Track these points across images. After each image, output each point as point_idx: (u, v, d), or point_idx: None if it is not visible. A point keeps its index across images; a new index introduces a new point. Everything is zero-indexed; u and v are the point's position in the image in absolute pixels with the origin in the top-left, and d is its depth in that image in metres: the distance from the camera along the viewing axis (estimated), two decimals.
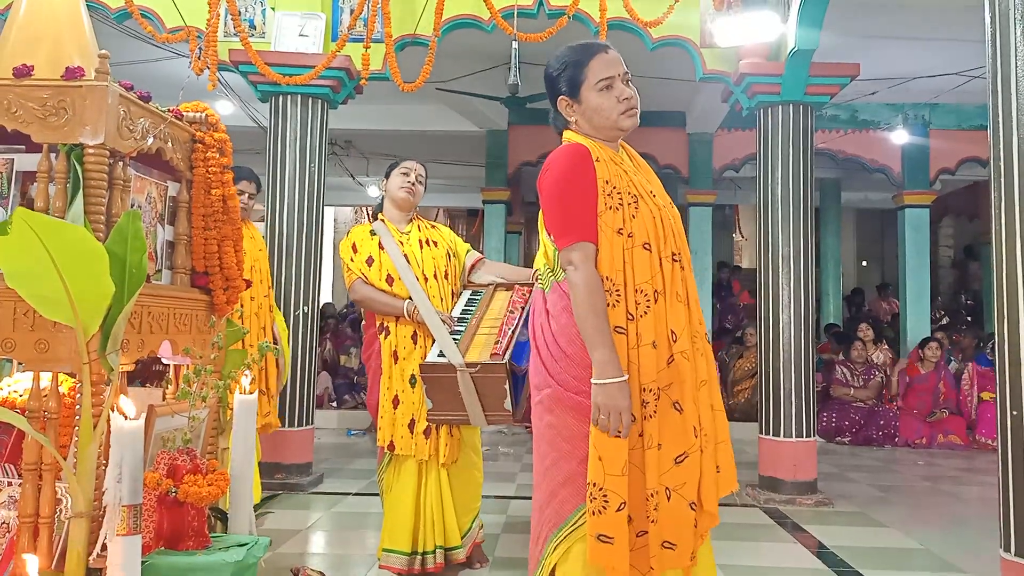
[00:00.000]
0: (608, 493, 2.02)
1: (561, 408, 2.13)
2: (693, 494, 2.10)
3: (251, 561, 2.30)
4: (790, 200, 5.44)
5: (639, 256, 2.11)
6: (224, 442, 2.72)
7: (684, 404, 2.11)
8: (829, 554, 4.09)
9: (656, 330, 2.10)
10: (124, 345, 2.21)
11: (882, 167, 9.20)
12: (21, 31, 2.50)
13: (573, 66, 2.27)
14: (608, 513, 2.02)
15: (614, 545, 2.01)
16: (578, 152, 2.17)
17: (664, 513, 2.05)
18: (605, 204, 2.12)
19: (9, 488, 2.35)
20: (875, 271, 14.96)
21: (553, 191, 2.17)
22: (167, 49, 6.29)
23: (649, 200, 2.18)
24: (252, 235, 4.43)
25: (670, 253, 2.15)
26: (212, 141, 2.67)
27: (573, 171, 2.14)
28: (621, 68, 2.28)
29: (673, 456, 2.08)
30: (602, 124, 2.25)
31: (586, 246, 2.10)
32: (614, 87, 2.25)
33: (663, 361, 2.10)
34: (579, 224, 2.11)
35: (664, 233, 2.16)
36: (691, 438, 2.10)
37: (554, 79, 2.31)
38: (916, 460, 7.37)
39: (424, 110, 8.84)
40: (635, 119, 2.27)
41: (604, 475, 2.03)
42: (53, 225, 1.99)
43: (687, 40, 5.55)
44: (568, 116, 2.29)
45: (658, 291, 2.11)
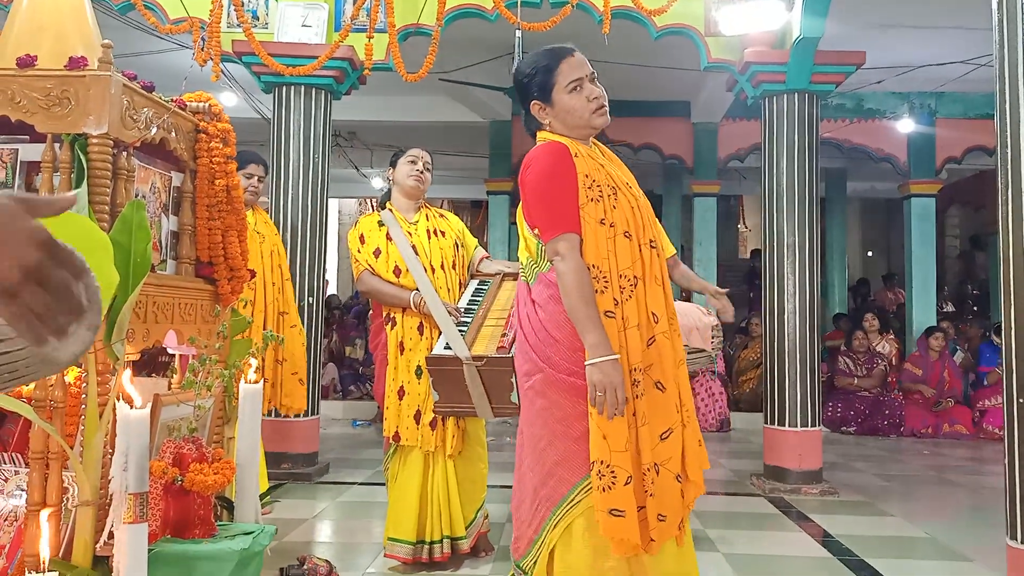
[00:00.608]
0: (615, 469, 2.11)
1: (554, 390, 2.22)
2: (678, 467, 2.21)
3: (257, 549, 2.31)
4: (795, 190, 5.42)
5: (621, 244, 2.22)
6: (230, 431, 2.73)
7: (666, 383, 2.22)
8: (834, 542, 4.09)
9: (639, 313, 2.21)
10: (129, 335, 2.21)
11: (888, 156, 9.16)
12: (25, 21, 2.50)
13: (543, 71, 2.34)
14: (618, 488, 2.11)
15: (626, 518, 2.10)
16: (558, 149, 2.27)
17: (657, 487, 2.16)
18: (587, 196, 2.22)
19: (16, 477, 2.37)
20: (881, 261, 14.93)
21: (536, 187, 2.26)
22: (170, 40, 6.28)
23: (626, 191, 2.29)
24: (266, 220, 4.43)
25: (648, 240, 2.28)
26: (216, 131, 2.67)
27: (555, 166, 2.24)
28: (588, 69, 2.36)
29: (659, 433, 2.19)
30: (575, 123, 2.34)
31: (571, 237, 2.20)
32: (583, 88, 2.33)
33: (645, 343, 2.21)
34: (563, 216, 2.21)
35: (642, 222, 2.27)
36: (674, 414, 2.22)
37: (526, 85, 2.38)
38: (922, 450, 7.36)
39: (427, 101, 8.82)
40: (606, 117, 2.36)
41: (610, 452, 2.12)
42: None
43: (691, 28, 5.53)
44: (542, 119, 2.37)
45: (638, 276, 2.23)
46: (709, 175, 9.37)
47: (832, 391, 8.34)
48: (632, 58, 7.07)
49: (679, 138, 9.33)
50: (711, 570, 3.58)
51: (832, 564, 3.75)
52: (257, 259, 4.20)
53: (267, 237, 4.35)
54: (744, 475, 5.73)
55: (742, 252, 15.09)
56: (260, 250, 4.25)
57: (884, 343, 8.89)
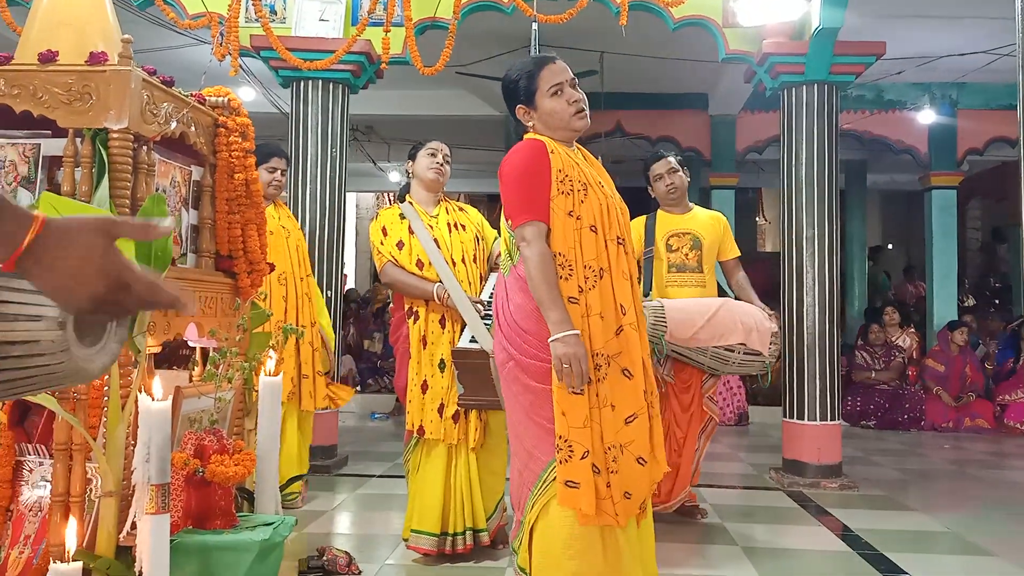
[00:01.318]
0: (572, 444, 2.28)
1: (525, 376, 2.38)
2: (641, 450, 2.35)
3: (277, 540, 2.33)
4: (814, 182, 5.39)
5: (587, 237, 2.38)
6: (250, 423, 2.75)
7: (634, 371, 2.37)
8: (854, 537, 4.07)
9: (603, 303, 2.36)
10: (151, 328, 2.23)
11: (908, 148, 9.07)
12: (46, 17, 2.52)
13: (526, 77, 2.51)
14: (573, 461, 2.28)
15: (580, 489, 2.26)
16: (535, 144, 2.45)
17: (622, 465, 2.32)
18: (558, 190, 2.38)
19: (41, 468, 2.40)
20: (901, 254, 14.80)
21: (511, 177, 2.43)
22: (189, 36, 6.31)
23: (597, 189, 2.44)
24: (288, 215, 4.44)
25: (615, 236, 2.42)
26: (235, 125, 2.69)
27: (530, 160, 2.41)
28: (569, 75, 2.52)
29: (624, 417, 2.34)
30: (556, 125, 2.49)
31: (538, 224, 2.36)
32: (564, 91, 2.48)
33: (611, 332, 2.35)
34: (533, 205, 2.37)
35: (610, 219, 2.42)
36: (641, 401, 2.37)
37: (511, 91, 2.56)
38: (943, 444, 7.30)
39: (444, 94, 8.83)
40: (586, 120, 2.51)
41: (568, 428, 2.29)
42: (80, 209, 2.02)
43: (709, 20, 5.49)
44: (526, 122, 2.54)
45: (604, 268, 2.38)
46: (727, 167, 9.32)
47: (852, 385, 8.29)
48: (649, 50, 7.05)
49: (696, 130, 9.28)
50: (730, 564, 3.58)
51: (852, 558, 3.73)
52: (285, 255, 4.21)
53: (292, 232, 4.35)
54: (763, 469, 5.71)
55: (760, 245, 14.99)
56: (287, 245, 4.26)
57: (904, 336, 8.82)
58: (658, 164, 4.31)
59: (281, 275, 4.20)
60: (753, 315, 3.97)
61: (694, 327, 3.88)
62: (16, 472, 2.42)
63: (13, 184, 2.31)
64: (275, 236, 4.15)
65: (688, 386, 4.09)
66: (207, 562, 2.20)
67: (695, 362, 4.01)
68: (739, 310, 3.99)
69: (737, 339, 3.88)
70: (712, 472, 5.67)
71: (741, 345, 3.89)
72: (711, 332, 3.88)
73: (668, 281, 4.22)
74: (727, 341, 3.89)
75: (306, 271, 4.38)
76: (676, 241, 4.26)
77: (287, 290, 4.22)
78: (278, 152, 4.40)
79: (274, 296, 4.15)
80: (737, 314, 3.94)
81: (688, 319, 3.90)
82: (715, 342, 3.89)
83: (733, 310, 3.97)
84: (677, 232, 4.27)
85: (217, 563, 2.21)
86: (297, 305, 4.26)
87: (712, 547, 3.82)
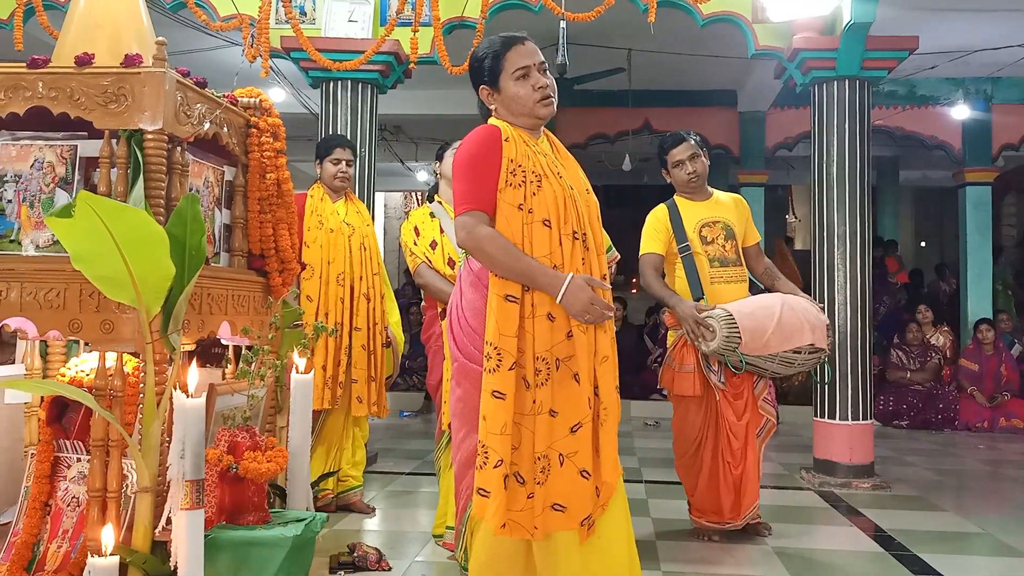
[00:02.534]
0: (488, 450, 2.16)
1: (468, 381, 2.27)
2: (585, 463, 2.20)
3: (309, 536, 2.35)
4: (846, 179, 5.33)
5: (538, 231, 2.23)
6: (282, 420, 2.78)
7: (582, 376, 2.21)
8: (886, 537, 4.02)
9: (553, 303, 2.20)
10: (185, 325, 2.26)
11: (942, 144, 8.94)
12: (82, 20, 2.57)
13: (492, 57, 2.37)
14: (487, 469, 2.16)
15: (489, 499, 2.15)
16: (488, 132, 2.31)
17: (554, 476, 2.18)
18: (506, 181, 2.25)
19: (78, 464, 2.44)
20: (934, 251, 14.59)
21: (458, 164, 2.32)
22: (220, 37, 6.38)
23: (555, 180, 2.28)
24: (359, 209, 4.26)
25: (571, 231, 2.26)
26: (266, 126, 2.72)
27: (479, 147, 2.29)
28: (538, 58, 2.37)
29: (569, 425, 2.20)
30: (519, 111, 2.35)
31: (478, 214, 2.25)
32: (530, 76, 2.34)
33: (561, 333, 2.21)
34: (477, 195, 2.25)
35: (566, 213, 2.26)
36: (585, 409, 2.21)
37: (476, 70, 2.42)
38: (977, 444, 7.19)
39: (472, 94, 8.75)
40: (551, 108, 2.37)
41: (487, 433, 2.17)
42: (116, 208, 2.05)
43: (738, 16, 5.45)
44: (489, 104, 2.41)
45: (557, 265, 2.23)
46: (756, 164, 9.25)
47: (883, 384, 8.19)
48: (678, 47, 7.01)
49: (725, 127, 9.22)
50: (761, 564, 3.56)
51: (884, 559, 3.69)
52: (344, 254, 4.05)
53: (357, 228, 4.15)
54: (793, 468, 5.66)
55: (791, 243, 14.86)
56: (348, 244, 4.08)
57: (938, 335, 8.70)
58: (678, 149, 3.87)
59: (340, 275, 4.03)
60: (809, 309, 3.65)
61: (766, 333, 3.53)
62: (55, 468, 2.47)
63: (51, 185, 2.36)
64: (335, 234, 4.04)
65: (740, 392, 3.74)
66: (241, 557, 2.23)
67: (760, 369, 3.66)
68: (799, 306, 3.64)
69: (806, 339, 3.56)
70: None
71: (809, 345, 3.59)
72: (781, 336, 3.54)
73: (713, 277, 3.79)
74: (795, 343, 3.57)
75: (373, 269, 4.17)
76: (709, 232, 3.85)
77: (345, 290, 4.04)
78: (341, 142, 4.23)
79: (331, 297, 4.00)
80: (799, 312, 3.61)
81: (759, 326, 3.54)
82: (785, 346, 3.56)
83: (794, 308, 3.62)
84: (708, 221, 3.86)
85: (250, 558, 2.23)
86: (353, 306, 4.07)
87: (743, 547, 3.79)
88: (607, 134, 8.91)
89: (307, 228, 4.05)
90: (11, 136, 2.41)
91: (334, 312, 4.01)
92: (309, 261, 3.97)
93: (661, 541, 3.84)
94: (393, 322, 4.33)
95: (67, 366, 2.53)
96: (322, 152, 4.22)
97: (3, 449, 2.90)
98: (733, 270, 3.82)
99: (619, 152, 8.77)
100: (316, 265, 4.00)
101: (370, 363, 4.12)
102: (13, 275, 2.24)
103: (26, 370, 2.78)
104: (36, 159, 2.37)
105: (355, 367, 4.06)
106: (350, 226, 4.13)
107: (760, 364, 3.62)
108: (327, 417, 4.09)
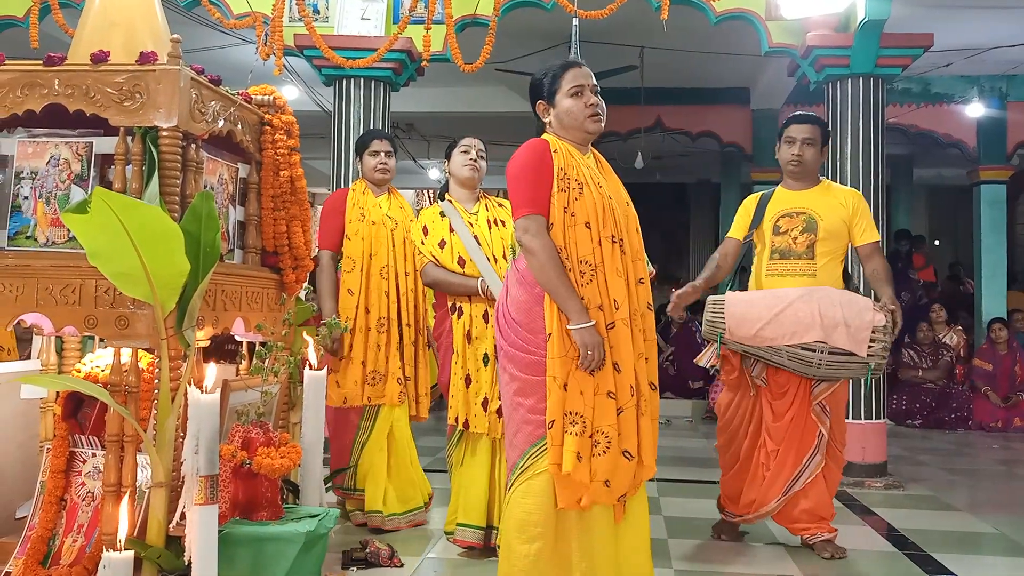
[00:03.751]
0: (585, 420, 2.41)
1: (515, 365, 2.50)
2: (628, 444, 2.44)
3: (322, 532, 2.37)
4: (860, 177, 5.30)
5: (581, 233, 2.48)
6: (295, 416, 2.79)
7: (623, 366, 2.46)
8: (899, 537, 4.00)
9: (601, 296, 2.47)
10: (199, 321, 2.28)
11: (956, 142, 8.88)
12: (97, 18, 2.58)
13: (552, 76, 2.65)
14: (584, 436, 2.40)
15: (582, 463, 2.38)
16: (539, 144, 2.57)
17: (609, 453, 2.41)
18: (557, 187, 2.50)
19: (93, 459, 2.46)
20: (948, 250, 14.51)
21: (515, 174, 2.55)
22: (234, 35, 6.40)
23: (595, 189, 2.53)
24: (402, 204, 4.14)
25: (609, 235, 2.51)
26: (280, 123, 2.73)
27: (533, 157, 2.54)
28: (591, 80, 2.65)
29: (616, 407, 2.44)
30: (571, 124, 2.61)
31: (539, 218, 2.49)
32: (583, 94, 2.61)
33: (603, 326, 2.46)
34: (535, 199, 2.49)
35: (605, 218, 2.51)
36: (628, 395, 2.46)
37: (536, 87, 2.69)
38: (990, 444, 7.15)
39: (484, 91, 8.84)
40: (599, 124, 2.62)
41: (583, 404, 2.41)
42: (131, 205, 2.06)
43: (752, 13, 5.43)
44: (544, 118, 2.67)
45: (597, 265, 2.48)
46: (770, 163, 9.12)
47: (897, 383, 8.15)
48: (690, 44, 6.98)
49: (738, 125, 9.18)
50: (773, 563, 3.55)
51: (897, 558, 3.67)
52: (387, 247, 3.90)
53: (400, 223, 4.00)
54: None
55: None
56: (392, 237, 3.93)
57: (951, 334, 8.65)
58: (798, 128, 3.69)
59: (383, 268, 3.88)
60: (848, 306, 3.41)
61: (758, 322, 3.42)
62: (70, 463, 2.49)
63: (67, 181, 2.37)
64: (377, 227, 3.90)
65: (784, 391, 3.57)
66: (254, 552, 2.24)
67: (776, 363, 3.52)
68: (826, 301, 3.43)
69: (814, 336, 3.37)
70: None
71: (821, 343, 3.39)
72: (780, 329, 3.40)
73: (768, 270, 3.64)
74: (801, 339, 3.39)
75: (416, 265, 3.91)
76: (786, 222, 3.66)
77: (389, 284, 3.89)
78: (378, 135, 4.13)
79: (374, 290, 3.85)
80: (820, 306, 3.40)
81: (751, 314, 3.46)
82: (787, 340, 3.40)
83: (817, 301, 3.42)
84: (789, 212, 3.67)
85: (264, 553, 2.24)
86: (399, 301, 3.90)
87: (755, 546, 3.78)
88: (619, 132, 8.89)
89: (348, 221, 3.92)
90: (28, 133, 2.43)
91: (377, 306, 3.85)
92: (350, 254, 3.86)
93: (673, 539, 3.83)
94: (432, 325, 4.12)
95: (82, 362, 2.55)
96: (360, 147, 4.13)
97: (19, 444, 2.92)
98: (795, 263, 3.61)
99: (631, 150, 8.75)
100: (357, 258, 3.86)
101: (415, 361, 4.00)
102: (29, 271, 2.26)
103: (42, 366, 2.81)
104: (52, 156, 2.39)
105: (407, 365, 3.93)
106: (393, 220, 3.99)
107: (768, 357, 3.51)
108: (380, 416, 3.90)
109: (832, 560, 3.56)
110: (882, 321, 3.40)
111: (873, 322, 3.39)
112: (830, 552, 3.58)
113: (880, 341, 3.40)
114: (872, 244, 3.70)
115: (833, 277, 3.62)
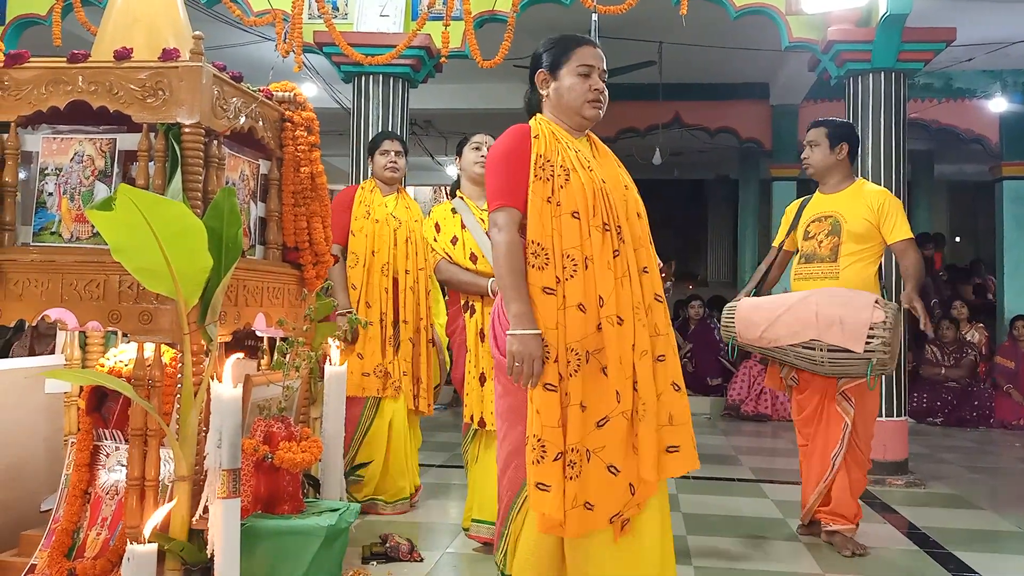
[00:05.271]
0: (545, 443, 2.14)
1: (506, 378, 2.25)
2: (613, 458, 2.17)
3: (343, 526, 2.38)
4: (880, 173, 5.26)
5: (567, 223, 2.24)
6: (316, 411, 2.80)
7: (610, 370, 2.19)
8: (921, 535, 3.97)
9: (585, 294, 2.21)
10: (221, 317, 2.29)
11: (979, 137, 8.80)
12: (120, 15, 2.60)
13: (561, 46, 2.41)
14: (546, 462, 2.14)
15: (551, 492, 2.13)
16: (517, 130, 2.36)
17: (584, 472, 2.15)
18: (535, 175, 2.27)
19: (117, 453, 2.48)
20: (969, 247, 14.36)
21: (490, 162, 2.37)
22: (254, 33, 6.44)
23: (584, 173, 2.29)
24: (408, 204, 4.25)
25: (600, 223, 2.25)
26: (300, 120, 2.74)
27: (510, 145, 2.32)
28: (603, 65, 2.41)
29: (595, 419, 2.18)
30: (568, 105, 2.37)
31: (511, 211, 2.28)
32: (591, 76, 2.37)
33: (591, 325, 2.20)
34: (509, 191, 2.28)
35: (595, 205, 2.26)
36: (612, 403, 2.18)
37: (540, 55, 2.44)
38: (1013, 442, 7.08)
39: (503, 88, 8.84)
40: (598, 111, 2.38)
41: (542, 427, 2.15)
42: (154, 201, 2.08)
43: (772, 7, 5.40)
44: (542, 90, 2.42)
45: (588, 257, 2.22)
46: (789, 158, 9.15)
47: (918, 380, 8.08)
48: (709, 40, 6.96)
49: (757, 121, 9.14)
50: (792, 559, 3.53)
51: (919, 556, 3.65)
52: (388, 244, 4.06)
53: (404, 222, 4.13)
54: None
55: None
56: (394, 235, 4.08)
57: (973, 331, 8.57)
58: (806, 133, 3.88)
59: (384, 265, 4.05)
60: (847, 305, 3.45)
61: (763, 324, 3.56)
62: (94, 456, 2.51)
63: (91, 178, 2.39)
64: (380, 224, 4.07)
65: (805, 386, 3.70)
66: (276, 546, 2.26)
67: (790, 363, 3.66)
68: (826, 300, 3.49)
69: (810, 334, 3.44)
70: (772, 468, 5.60)
71: (817, 341, 3.46)
72: (781, 330, 3.51)
73: (796, 275, 3.76)
74: (800, 338, 3.48)
75: (419, 264, 4.14)
76: (816, 227, 3.74)
77: (388, 281, 4.05)
78: (389, 135, 4.27)
79: (374, 286, 4.01)
80: (818, 305, 3.47)
81: (755, 317, 3.60)
82: (790, 340, 3.51)
83: (816, 301, 3.49)
84: (819, 216, 3.75)
85: (285, 547, 2.26)
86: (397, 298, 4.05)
87: (774, 542, 3.77)
88: (637, 128, 8.87)
89: (354, 218, 4.12)
90: (52, 129, 2.45)
91: (377, 302, 4.04)
92: (354, 250, 4.07)
93: (692, 536, 3.83)
94: (439, 324, 4.29)
95: (106, 356, 2.57)
96: (371, 147, 4.34)
97: (44, 438, 2.96)
98: (819, 267, 3.67)
99: (649, 146, 8.73)
100: (360, 254, 4.07)
101: (415, 357, 4.12)
102: (54, 267, 2.28)
103: (66, 360, 2.84)
104: (76, 152, 2.41)
105: (402, 360, 4.07)
106: (396, 219, 4.14)
107: (779, 357, 3.68)
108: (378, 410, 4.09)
109: (853, 558, 3.55)
110: (881, 317, 3.40)
111: (871, 319, 3.39)
112: (851, 549, 3.59)
113: (879, 337, 3.38)
114: (904, 241, 3.67)
115: (862, 278, 3.61)
